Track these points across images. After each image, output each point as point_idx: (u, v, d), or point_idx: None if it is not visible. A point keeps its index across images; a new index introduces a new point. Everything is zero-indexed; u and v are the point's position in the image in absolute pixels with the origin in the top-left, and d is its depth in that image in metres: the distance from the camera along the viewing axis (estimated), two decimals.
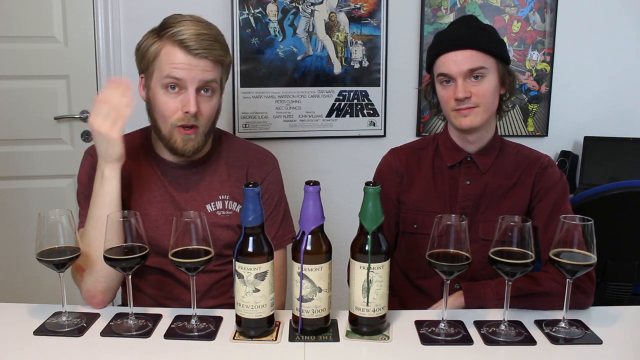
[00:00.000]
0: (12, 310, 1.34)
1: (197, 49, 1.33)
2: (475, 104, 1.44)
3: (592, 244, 1.17)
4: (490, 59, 1.44)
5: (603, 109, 2.77)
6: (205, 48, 1.34)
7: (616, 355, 1.19)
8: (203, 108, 1.38)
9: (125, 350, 1.18)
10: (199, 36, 1.34)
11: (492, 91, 1.45)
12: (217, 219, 1.46)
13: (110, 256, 1.20)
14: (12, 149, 2.51)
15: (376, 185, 1.17)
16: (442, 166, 1.55)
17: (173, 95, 1.36)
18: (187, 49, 1.33)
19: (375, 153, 1.72)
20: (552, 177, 1.49)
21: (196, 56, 1.34)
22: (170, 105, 1.37)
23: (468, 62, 1.42)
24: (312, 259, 1.17)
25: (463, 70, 1.42)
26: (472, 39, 1.43)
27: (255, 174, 1.51)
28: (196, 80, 1.35)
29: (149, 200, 1.46)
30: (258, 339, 1.20)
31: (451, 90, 1.45)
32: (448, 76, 1.44)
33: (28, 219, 2.49)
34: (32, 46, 2.43)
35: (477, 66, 1.42)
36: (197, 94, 1.36)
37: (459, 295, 1.40)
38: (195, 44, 1.33)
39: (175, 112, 1.37)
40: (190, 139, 1.38)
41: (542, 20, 2.64)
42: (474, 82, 1.43)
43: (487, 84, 1.44)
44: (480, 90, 1.43)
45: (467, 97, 1.42)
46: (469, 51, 1.42)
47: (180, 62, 1.34)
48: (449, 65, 1.43)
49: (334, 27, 2.53)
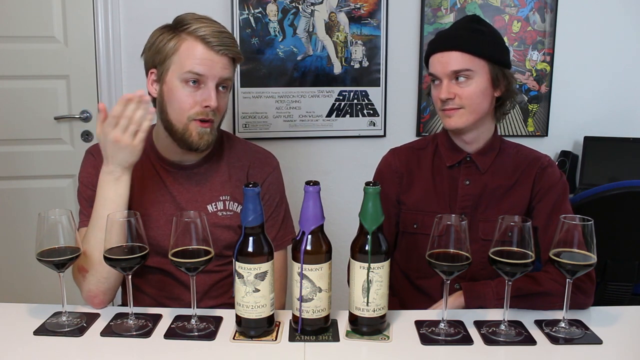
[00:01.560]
0: (12, 310, 1.34)
1: (218, 46, 1.36)
2: (460, 105, 1.44)
3: (592, 244, 1.17)
4: (480, 61, 1.43)
5: (603, 109, 2.77)
6: (227, 46, 1.37)
7: (616, 355, 1.19)
8: (221, 103, 1.41)
9: (125, 350, 1.18)
10: (220, 34, 1.38)
11: (478, 93, 1.44)
12: (217, 219, 1.46)
13: (110, 256, 1.20)
14: (12, 149, 2.51)
15: (376, 185, 1.17)
16: (442, 166, 1.55)
17: (192, 89, 1.38)
18: (209, 45, 1.36)
19: (375, 153, 1.72)
20: (552, 177, 1.49)
21: (218, 53, 1.37)
22: (190, 99, 1.38)
23: (453, 64, 1.42)
24: (312, 259, 1.17)
25: (447, 72, 1.43)
26: (460, 40, 1.43)
27: (256, 174, 1.52)
28: (217, 77, 1.38)
29: (150, 200, 1.46)
30: (258, 339, 1.20)
31: (439, 90, 1.47)
32: (434, 76, 1.47)
33: (28, 219, 2.49)
34: (32, 46, 2.43)
35: (461, 68, 1.42)
36: (216, 89, 1.39)
37: (459, 295, 1.40)
38: (217, 40, 1.36)
39: (193, 106, 1.38)
40: (206, 133, 1.40)
41: (542, 20, 2.64)
42: (459, 84, 1.44)
43: (473, 86, 1.43)
44: (465, 92, 1.43)
45: (450, 98, 1.43)
46: (455, 52, 1.42)
47: (203, 57, 1.36)
48: (436, 66, 1.46)
49: (334, 27, 2.53)
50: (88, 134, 2.53)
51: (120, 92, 2.46)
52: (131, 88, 2.47)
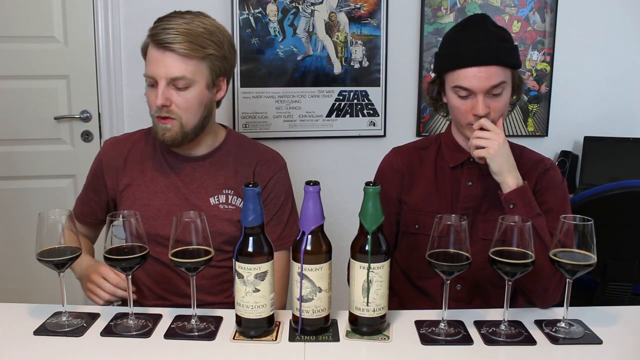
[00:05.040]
0: (12, 310, 1.34)
1: (163, 43, 1.37)
2: (492, 120, 1.41)
3: (592, 244, 1.17)
4: (509, 71, 1.42)
5: (603, 109, 2.77)
6: (171, 42, 1.37)
7: (616, 355, 1.19)
8: (176, 101, 1.41)
9: (125, 350, 1.18)
10: (168, 30, 1.37)
11: (507, 103, 1.44)
12: (219, 212, 1.48)
13: (110, 256, 1.20)
14: (12, 149, 2.51)
15: (376, 185, 1.17)
16: (445, 166, 1.55)
17: (152, 89, 1.43)
18: (155, 44, 1.39)
19: (375, 153, 1.72)
20: (553, 179, 1.49)
21: (163, 51, 1.38)
22: (151, 99, 1.44)
23: (492, 79, 1.38)
24: (312, 259, 1.17)
25: (486, 87, 1.38)
26: (496, 54, 1.39)
27: (263, 172, 1.53)
28: (163, 77, 1.39)
29: (154, 190, 1.50)
30: (258, 339, 1.20)
31: (469, 104, 1.41)
32: (469, 90, 1.40)
33: (28, 219, 2.49)
34: (32, 46, 2.43)
35: (499, 82, 1.39)
36: (170, 87, 1.40)
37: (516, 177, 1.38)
38: (163, 39, 1.37)
39: (152, 106, 1.44)
40: (167, 129, 1.43)
41: (542, 20, 2.64)
42: (494, 98, 1.41)
43: (505, 98, 1.42)
44: (498, 106, 1.41)
45: (487, 113, 1.40)
46: (493, 67, 1.38)
47: (151, 58, 1.41)
48: (471, 80, 1.39)
49: (334, 27, 2.53)
50: (88, 134, 2.53)
51: (120, 92, 2.47)
52: (131, 88, 2.47)
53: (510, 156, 1.40)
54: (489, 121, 1.40)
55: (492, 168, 1.38)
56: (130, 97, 2.48)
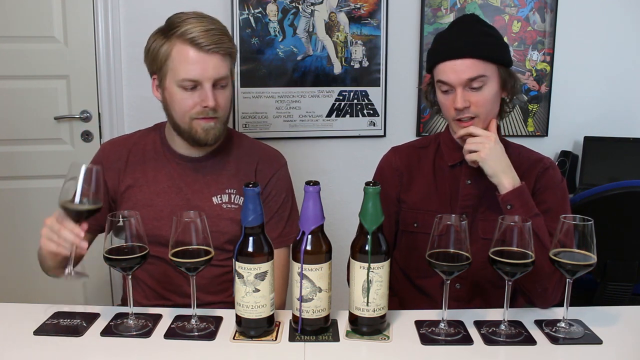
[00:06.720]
0: (12, 310, 1.35)
1: (208, 45, 1.37)
2: (475, 114, 1.42)
3: (592, 244, 1.17)
4: (492, 65, 1.41)
5: (603, 109, 2.77)
6: (217, 43, 1.38)
7: (616, 355, 1.19)
8: (220, 100, 1.42)
9: (125, 350, 1.18)
10: (208, 32, 1.38)
11: (491, 99, 1.43)
12: (222, 211, 1.49)
13: (110, 256, 1.20)
14: (12, 149, 2.50)
15: (376, 185, 1.17)
16: (443, 165, 1.55)
17: (190, 92, 1.41)
18: (199, 47, 1.37)
19: (375, 153, 1.72)
20: (553, 178, 1.49)
21: (208, 52, 1.37)
22: (189, 102, 1.41)
23: (468, 71, 1.39)
24: (312, 259, 1.17)
25: (462, 80, 1.39)
26: (474, 47, 1.40)
27: (265, 169, 1.54)
28: (211, 79, 1.39)
29: (156, 191, 1.50)
30: (258, 339, 1.20)
31: (451, 98, 1.43)
32: (447, 84, 1.42)
33: (28, 219, 2.49)
34: (32, 46, 2.43)
35: (476, 75, 1.39)
36: (213, 88, 1.40)
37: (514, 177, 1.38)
38: (206, 40, 1.37)
39: (193, 107, 1.41)
40: (212, 127, 1.43)
41: (542, 20, 2.64)
42: (474, 91, 1.41)
43: (486, 92, 1.41)
44: (479, 100, 1.41)
45: (466, 107, 1.41)
46: (469, 60, 1.39)
47: (194, 61, 1.38)
48: (449, 74, 1.41)
49: (334, 27, 2.53)
50: (88, 134, 2.53)
51: (120, 92, 2.47)
52: (131, 88, 2.47)
53: (505, 157, 1.40)
54: (477, 127, 1.41)
55: (486, 171, 1.39)
56: (130, 97, 2.48)
